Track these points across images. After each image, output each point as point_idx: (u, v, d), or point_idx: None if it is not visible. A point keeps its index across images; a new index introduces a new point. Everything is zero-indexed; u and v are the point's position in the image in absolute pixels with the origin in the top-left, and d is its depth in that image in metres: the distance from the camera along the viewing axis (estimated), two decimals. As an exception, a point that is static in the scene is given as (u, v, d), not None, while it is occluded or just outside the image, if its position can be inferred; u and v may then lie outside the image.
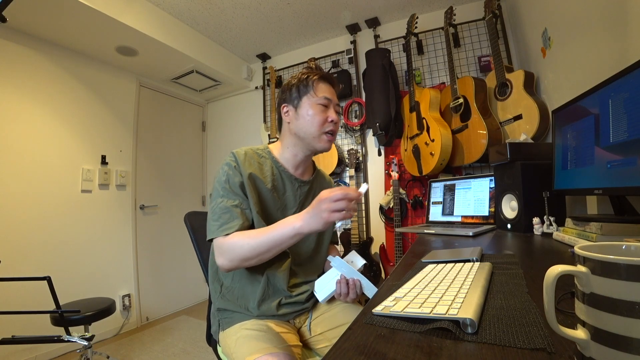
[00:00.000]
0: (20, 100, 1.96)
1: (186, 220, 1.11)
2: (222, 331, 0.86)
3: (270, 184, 0.89)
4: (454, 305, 0.41)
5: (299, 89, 0.90)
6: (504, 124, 1.74)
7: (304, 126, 0.89)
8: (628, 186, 0.72)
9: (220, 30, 2.53)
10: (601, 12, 1.06)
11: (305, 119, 0.89)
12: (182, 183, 3.10)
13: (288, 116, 0.92)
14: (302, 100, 0.90)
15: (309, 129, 0.89)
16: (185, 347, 2.12)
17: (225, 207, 0.80)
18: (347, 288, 0.84)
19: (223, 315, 0.88)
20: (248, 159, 0.88)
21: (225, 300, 0.88)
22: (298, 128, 0.90)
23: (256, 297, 0.85)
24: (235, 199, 0.82)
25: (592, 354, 0.26)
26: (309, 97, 0.89)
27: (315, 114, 0.88)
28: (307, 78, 0.90)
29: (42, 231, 2.01)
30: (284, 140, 0.95)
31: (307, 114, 0.89)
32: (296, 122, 0.90)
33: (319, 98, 0.89)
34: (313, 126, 0.88)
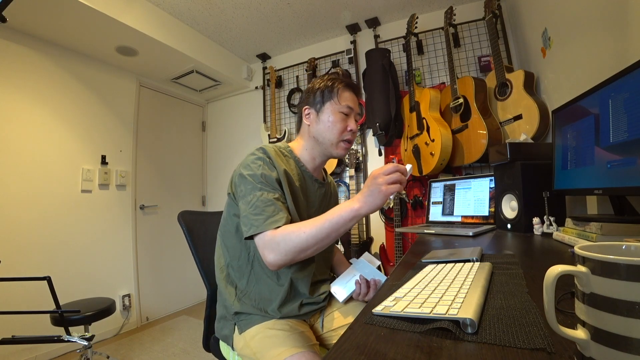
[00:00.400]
0: (20, 100, 1.96)
1: (180, 219, 1.08)
2: (240, 334, 0.84)
3: (298, 183, 0.89)
4: (454, 305, 0.41)
5: (323, 93, 0.91)
6: (504, 124, 1.74)
7: (323, 131, 0.90)
8: (628, 186, 0.72)
9: (220, 30, 2.53)
10: (601, 12, 1.06)
11: (325, 125, 0.90)
12: (182, 183, 3.10)
13: (309, 119, 0.93)
14: (325, 105, 0.90)
15: (328, 135, 0.90)
16: (185, 347, 2.12)
17: (268, 200, 0.76)
18: (367, 288, 0.87)
19: (240, 318, 0.85)
20: (278, 155, 0.87)
21: (242, 304, 0.86)
22: (318, 132, 0.91)
23: (277, 301, 0.83)
24: (275, 192, 0.79)
25: (592, 354, 0.26)
26: (332, 103, 0.90)
27: (337, 121, 0.89)
28: (332, 84, 0.91)
29: (42, 231, 2.01)
30: (303, 141, 0.95)
31: (328, 120, 0.89)
32: (316, 126, 0.91)
33: (342, 106, 0.90)
34: (332, 133, 0.89)
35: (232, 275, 0.89)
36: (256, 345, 0.78)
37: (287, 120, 2.81)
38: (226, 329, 0.88)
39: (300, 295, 0.88)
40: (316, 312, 0.92)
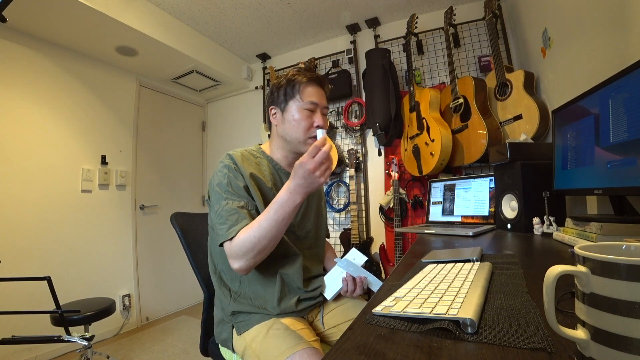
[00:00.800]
0: (20, 100, 1.96)
1: (173, 221, 1.06)
2: (239, 335, 0.83)
3: (270, 183, 0.89)
4: (454, 305, 0.41)
5: (285, 91, 0.89)
6: (504, 124, 1.74)
7: (289, 130, 0.88)
8: (628, 186, 0.72)
9: (220, 30, 2.53)
10: (601, 12, 1.06)
11: (291, 124, 0.88)
12: (182, 183, 3.10)
13: (275, 119, 0.92)
14: (289, 104, 0.88)
15: (294, 133, 0.88)
16: (185, 347, 2.12)
17: (231, 209, 0.78)
18: (354, 285, 0.87)
19: (238, 318, 0.85)
20: (246, 159, 0.88)
21: (239, 303, 0.86)
22: (284, 132, 0.89)
23: (274, 297, 0.84)
24: (240, 200, 0.80)
25: (592, 354, 0.26)
26: (295, 101, 0.88)
27: (302, 119, 0.87)
28: (294, 81, 0.88)
29: (42, 231, 2.01)
30: (273, 141, 0.95)
31: (292, 119, 0.87)
32: (283, 126, 0.90)
33: (304, 103, 0.87)
34: (298, 131, 0.87)
35: (225, 278, 0.90)
36: (258, 346, 0.78)
37: (287, 120, 2.80)
38: (225, 333, 0.87)
39: (295, 291, 0.88)
40: (314, 308, 0.93)
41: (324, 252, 1.07)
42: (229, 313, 0.86)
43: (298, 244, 0.93)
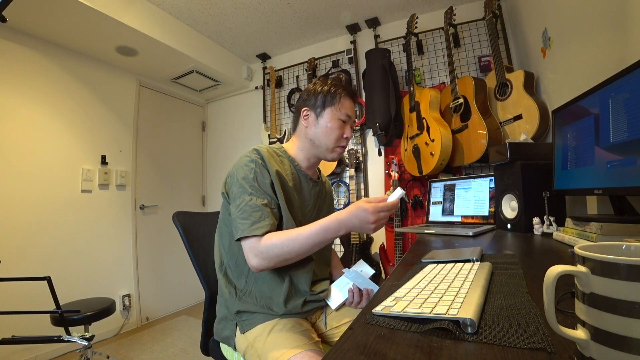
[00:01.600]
0: (20, 100, 1.96)
1: (175, 219, 1.06)
2: (242, 334, 0.83)
3: (292, 182, 0.90)
4: (454, 305, 0.41)
5: (325, 98, 0.92)
6: (504, 124, 1.74)
7: (320, 135, 0.92)
8: (628, 186, 0.72)
9: (220, 30, 2.53)
10: (601, 12, 1.06)
11: (323, 129, 0.91)
12: (182, 183, 3.11)
13: (307, 121, 0.94)
14: (326, 110, 0.92)
15: (324, 140, 0.92)
16: (185, 347, 2.12)
17: (255, 206, 0.78)
18: (360, 297, 0.89)
19: (242, 317, 0.85)
20: (271, 156, 0.89)
21: (244, 302, 0.85)
22: (315, 135, 0.92)
23: (280, 298, 0.84)
24: (264, 198, 0.81)
25: (592, 354, 0.26)
26: (332, 109, 0.91)
27: (335, 128, 0.91)
28: (335, 91, 0.92)
29: (42, 231, 2.01)
30: (299, 142, 0.96)
31: (326, 125, 0.91)
32: (314, 130, 0.93)
33: (341, 113, 0.92)
34: (330, 139, 0.91)
35: (230, 275, 0.89)
36: (260, 346, 0.77)
37: (287, 120, 2.81)
38: (227, 330, 0.87)
39: (302, 293, 0.88)
40: (317, 310, 0.93)
41: (331, 255, 1.08)
42: (233, 311, 0.86)
43: None
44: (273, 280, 0.86)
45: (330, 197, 1.09)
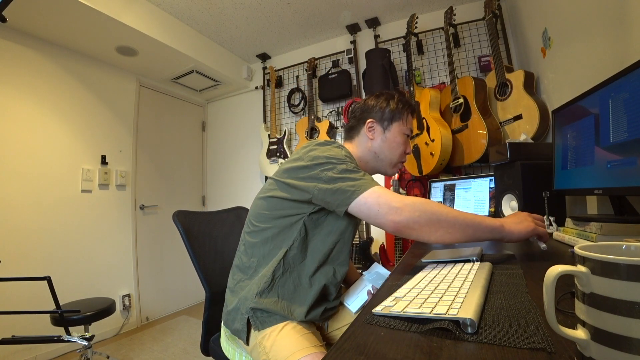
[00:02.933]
0: (20, 100, 1.96)
1: (175, 219, 1.04)
2: (257, 330, 0.78)
3: None
4: (454, 305, 0.41)
5: (393, 113, 0.93)
6: (504, 124, 1.74)
7: (386, 150, 0.92)
8: (628, 186, 0.72)
9: (220, 30, 2.53)
10: (601, 12, 1.06)
11: (391, 144, 0.92)
12: (182, 183, 3.11)
13: (372, 133, 0.93)
14: (393, 125, 0.93)
15: (389, 154, 0.93)
16: (185, 347, 2.12)
17: (353, 168, 0.75)
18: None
19: (257, 314, 0.79)
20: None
21: (264, 300, 0.78)
22: (380, 149, 0.92)
23: (306, 305, 0.79)
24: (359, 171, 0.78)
25: (592, 354, 0.26)
26: (400, 124, 0.93)
27: (401, 144, 0.93)
28: (403, 107, 0.94)
29: (42, 231, 2.01)
30: (358, 152, 0.94)
31: (394, 140, 0.92)
32: (380, 143, 0.93)
33: (407, 129, 0.94)
34: (395, 154, 0.93)
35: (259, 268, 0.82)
36: (270, 344, 0.75)
37: (287, 120, 2.81)
38: (238, 323, 0.81)
39: (325, 302, 0.84)
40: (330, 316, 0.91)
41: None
42: (248, 306, 0.79)
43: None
44: (301, 285, 0.81)
45: None
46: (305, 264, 0.81)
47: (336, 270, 0.83)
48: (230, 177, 3.18)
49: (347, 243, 0.85)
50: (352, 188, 0.71)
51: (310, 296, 0.80)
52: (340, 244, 0.83)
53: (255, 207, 0.86)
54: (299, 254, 0.81)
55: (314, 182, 0.75)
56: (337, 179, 0.73)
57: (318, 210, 0.79)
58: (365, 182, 0.72)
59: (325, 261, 0.82)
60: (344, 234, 0.82)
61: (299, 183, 0.77)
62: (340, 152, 0.81)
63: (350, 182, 0.72)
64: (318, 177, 0.75)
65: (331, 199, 0.73)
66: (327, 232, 0.82)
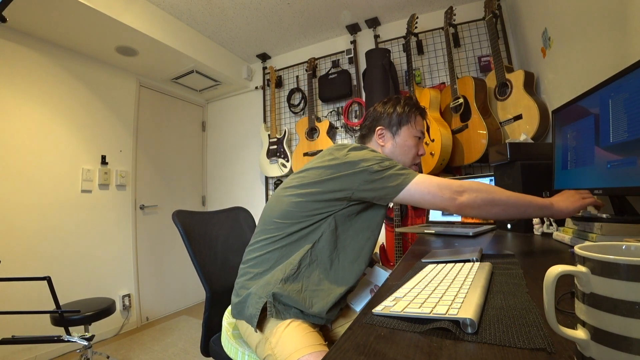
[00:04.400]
0: (20, 100, 1.96)
1: (175, 218, 1.04)
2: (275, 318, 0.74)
3: None
4: (454, 305, 0.41)
5: (400, 117, 0.94)
6: (504, 124, 1.74)
7: (398, 154, 0.94)
8: (628, 186, 0.72)
9: (220, 30, 2.53)
10: (601, 12, 1.06)
11: (402, 148, 0.94)
12: (182, 183, 3.11)
13: (382, 139, 0.96)
14: (402, 129, 0.94)
15: (402, 158, 0.94)
16: (185, 347, 2.12)
17: (396, 164, 0.80)
18: None
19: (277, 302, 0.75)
20: None
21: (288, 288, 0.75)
22: (392, 154, 0.94)
23: (330, 301, 0.76)
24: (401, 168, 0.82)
25: (592, 354, 0.26)
26: (409, 127, 0.94)
27: (412, 146, 0.94)
28: (410, 110, 0.95)
29: (42, 231, 2.01)
30: None
31: (405, 144, 0.94)
32: (392, 149, 0.94)
33: (417, 131, 0.95)
34: (407, 157, 0.94)
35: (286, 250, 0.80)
36: (275, 340, 0.72)
37: (287, 120, 2.81)
38: (252, 308, 0.76)
39: (342, 302, 0.82)
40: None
41: None
42: (270, 291, 0.75)
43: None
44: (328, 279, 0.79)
45: None
46: (335, 258, 0.81)
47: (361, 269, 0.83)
48: (230, 177, 3.18)
49: (375, 240, 0.86)
50: (401, 176, 0.76)
51: (335, 293, 0.77)
52: (371, 241, 0.85)
53: (281, 204, 0.83)
54: (327, 247, 0.80)
55: (358, 176, 0.77)
56: (385, 170, 0.77)
57: (350, 206, 0.81)
58: (410, 171, 0.78)
59: (356, 259, 0.83)
60: (375, 230, 0.84)
61: (338, 180, 0.79)
62: (377, 153, 0.83)
63: (398, 171, 0.77)
64: (363, 170, 0.77)
65: (380, 188, 0.76)
66: (359, 228, 0.83)
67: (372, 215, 0.84)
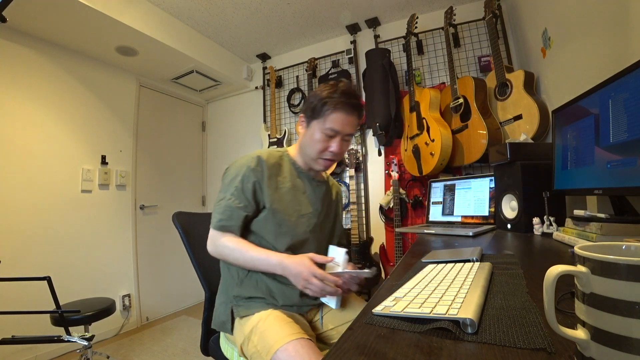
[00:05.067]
0: (20, 100, 1.96)
1: (175, 220, 1.07)
2: (240, 318, 0.85)
3: (289, 184, 0.94)
4: (454, 305, 0.41)
5: (314, 109, 0.90)
6: (504, 124, 1.74)
7: (307, 145, 0.93)
8: (628, 186, 0.72)
9: (220, 30, 2.53)
10: (601, 13, 1.06)
11: (310, 140, 0.92)
12: (182, 183, 3.10)
13: (302, 127, 0.97)
14: (313, 122, 0.92)
15: (309, 150, 0.93)
16: (185, 347, 2.12)
17: (229, 206, 0.86)
18: (347, 284, 0.84)
19: (239, 302, 0.87)
20: (270, 161, 0.92)
21: (244, 287, 0.88)
22: (303, 144, 0.95)
23: (278, 284, 0.87)
24: (241, 202, 0.87)
25: (592, 354, 0.26)
26: (318, 122, 0.90)
27: (319, 141, 0.90)
28: (326, 103, 0.88)
29: (42, 231, 2.00)
30: (298, 145, 0.99)
31: (312, 137, 0.91)
32: (303, 138, 0.95)
33: (326, 128, 0.89)
34: (313, 150, 0.92)
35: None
36: (257, 338, 0.78)
37: (287, 120, 2.81)
38: (223, 315, 0.88)
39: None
40: (314, 307, 0.93)
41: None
42: (231, 295, 0.89)
43: (315, 242, 0.96)
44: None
45: (338, 199, 1.11)
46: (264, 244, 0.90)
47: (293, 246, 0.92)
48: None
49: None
50: (212, 217, 0.91)
51: (277, 276, 0.87)
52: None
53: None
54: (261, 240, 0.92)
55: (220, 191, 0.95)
56: (216, 200, 0.93)
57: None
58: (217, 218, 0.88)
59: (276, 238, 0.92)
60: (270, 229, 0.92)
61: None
62: (240, 168, 0.90)
63: (214, 212, 0.91)
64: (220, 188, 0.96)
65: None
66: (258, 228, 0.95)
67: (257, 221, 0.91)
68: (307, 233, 0.94)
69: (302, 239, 0.93)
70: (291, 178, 0.95)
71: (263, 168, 0.90)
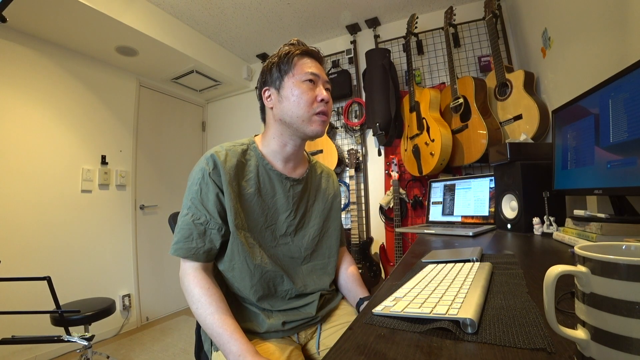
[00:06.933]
0: (20, 100, 1.96)
1: (171, 222, 1.04)
2: (215, 352, 0.73)
3: (254, 187, 0.77)
4: (454, 305, 0.41)
5: (279, 67, 0.78)
6: (504, 124, 1.74)
7: (289, 109, 0.76)
8: (628, 186, 0.72)
9: (220, 30, 2.53)
10: (601, 12, 1.06)
11: (290, 101, 0.76)
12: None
13: (270, 101, 0.80)
14: (284, 79, 0.77)
15: (295, 111, 0.76)
16: (185, 347, 2.12)
17: (188, 223, 0.71)
18: None
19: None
20: (229, 160, 0.75)
21: None
22: (283, 112, 0.77)
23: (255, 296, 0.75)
24: (200, 216, 0.71)
25: (592, 354, 0.26)
26: (291, 75, 0.77)
27: (302, 93, 0.76)
28: (287, 54, 0.78)
29: (42, 231, 2.01)
30: (269, 130, 0.82)
31: (291, 95, 0.76)
32: (280, 106, 0.78)
33: (303, 74, 0.76)
34: (300, 107, 0.76)
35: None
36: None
37: (287, 120, 2.81)
38: (206, 344, 0.78)
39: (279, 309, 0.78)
40: (307, 328, 0.80)
41: (335, 264, 0.90)
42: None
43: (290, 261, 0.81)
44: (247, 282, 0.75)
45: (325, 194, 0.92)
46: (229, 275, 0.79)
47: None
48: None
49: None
50: (173, 238, 0.74)
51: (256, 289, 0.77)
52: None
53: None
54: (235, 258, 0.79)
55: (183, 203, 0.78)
56: (179, 216, 0.76)
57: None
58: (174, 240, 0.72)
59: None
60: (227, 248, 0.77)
61: None
62: (196, 175, 0.73)
63: (174, 232, 0.74)
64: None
65: None
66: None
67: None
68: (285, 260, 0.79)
69: (275, 275, 0.76)
70: (256, 180, 0.78)
71: (220, 172, 0.72)
